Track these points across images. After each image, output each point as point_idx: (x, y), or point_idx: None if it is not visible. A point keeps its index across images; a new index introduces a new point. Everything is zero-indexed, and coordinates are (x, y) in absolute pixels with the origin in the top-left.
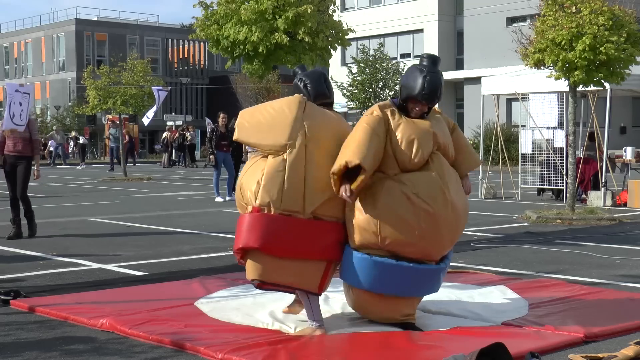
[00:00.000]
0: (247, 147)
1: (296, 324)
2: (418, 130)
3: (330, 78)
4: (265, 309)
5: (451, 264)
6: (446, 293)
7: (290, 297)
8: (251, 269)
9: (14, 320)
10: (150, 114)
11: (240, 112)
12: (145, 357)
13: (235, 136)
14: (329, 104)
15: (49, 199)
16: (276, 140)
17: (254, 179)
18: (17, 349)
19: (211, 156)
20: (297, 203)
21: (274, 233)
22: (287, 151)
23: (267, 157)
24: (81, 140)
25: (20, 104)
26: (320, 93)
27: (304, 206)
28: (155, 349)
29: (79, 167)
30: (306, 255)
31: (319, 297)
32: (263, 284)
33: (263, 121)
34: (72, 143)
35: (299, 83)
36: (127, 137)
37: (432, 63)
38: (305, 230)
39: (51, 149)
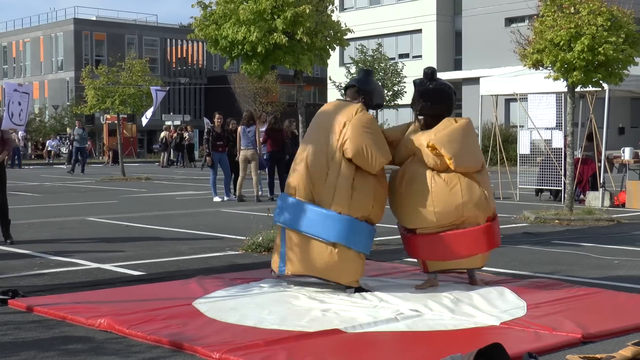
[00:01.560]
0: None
1: (295, 323)
2: None
3: (328, 78)
4: (263, 309)
5: None
6: (444, 293)
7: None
8: None
9: (11, 320)
10: (149, 114)
11: None
12: (143, 357)
13: None
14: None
15: (47, 198)
16: None
17: None
18: (14, 348)
19: (207, 157)
20: None
21: None
22: None
23: None
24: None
25: (19, 104)
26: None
27: None
28: (153, 348)
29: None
30: None
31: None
32: None
33: None
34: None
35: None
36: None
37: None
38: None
39: (49, 148)
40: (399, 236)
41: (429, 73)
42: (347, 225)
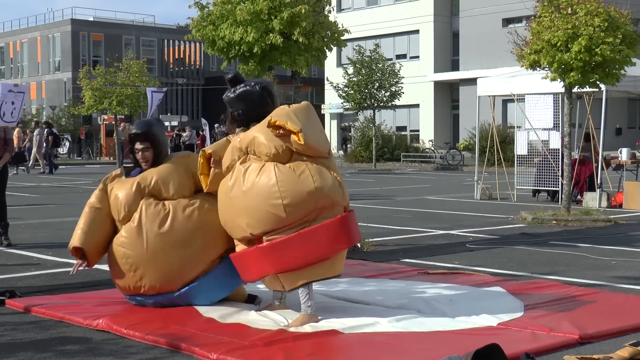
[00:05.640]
0: None
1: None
2: None
3: (325, 79)
4: (260, 309)
5: (447, 265)
6: (442, 294)
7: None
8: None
9: (9, 321)
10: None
11: None
12: (140, 358)
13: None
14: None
15: (44, 199)
16: None
17: None
18: (12, 349)
19: None
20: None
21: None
22: None
23: None
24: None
25: (13, 103)
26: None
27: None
28: (150, 349)
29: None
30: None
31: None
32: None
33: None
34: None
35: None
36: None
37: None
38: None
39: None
40: (396, 237)
41: (231, 79)
42: None
